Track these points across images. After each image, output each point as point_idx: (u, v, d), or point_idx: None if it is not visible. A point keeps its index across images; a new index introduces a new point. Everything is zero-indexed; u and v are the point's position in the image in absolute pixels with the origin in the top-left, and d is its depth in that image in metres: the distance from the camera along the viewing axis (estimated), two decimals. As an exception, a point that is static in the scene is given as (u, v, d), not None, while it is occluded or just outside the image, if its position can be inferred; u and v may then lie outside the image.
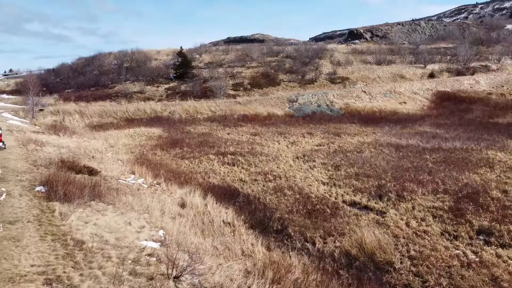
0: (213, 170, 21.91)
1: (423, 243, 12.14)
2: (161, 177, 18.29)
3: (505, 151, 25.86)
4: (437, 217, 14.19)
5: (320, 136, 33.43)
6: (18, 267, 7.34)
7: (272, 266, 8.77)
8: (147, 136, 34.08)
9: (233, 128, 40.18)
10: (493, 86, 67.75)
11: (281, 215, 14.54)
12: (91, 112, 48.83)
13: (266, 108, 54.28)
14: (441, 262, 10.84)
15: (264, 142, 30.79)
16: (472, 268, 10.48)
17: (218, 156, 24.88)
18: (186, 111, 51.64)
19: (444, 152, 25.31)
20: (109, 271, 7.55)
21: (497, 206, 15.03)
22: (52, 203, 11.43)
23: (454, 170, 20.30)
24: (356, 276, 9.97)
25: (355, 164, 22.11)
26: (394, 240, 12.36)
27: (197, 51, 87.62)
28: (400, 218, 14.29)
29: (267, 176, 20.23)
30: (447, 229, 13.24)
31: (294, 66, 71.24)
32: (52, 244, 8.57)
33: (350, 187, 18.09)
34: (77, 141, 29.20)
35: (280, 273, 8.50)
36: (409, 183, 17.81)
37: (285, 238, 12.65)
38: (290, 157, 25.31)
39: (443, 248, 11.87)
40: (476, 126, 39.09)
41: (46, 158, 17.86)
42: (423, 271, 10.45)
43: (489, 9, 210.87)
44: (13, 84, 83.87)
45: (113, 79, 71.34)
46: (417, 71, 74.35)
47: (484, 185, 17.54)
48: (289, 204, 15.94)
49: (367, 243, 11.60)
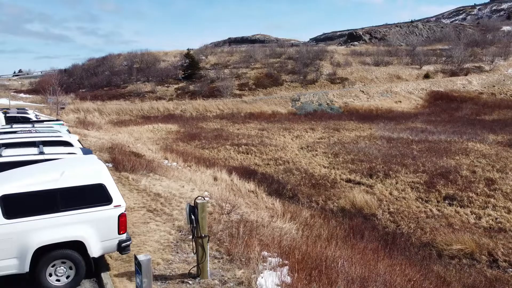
0: (231, 157, 25.83)
1: (400, 204, 16.00)
2: (191, 161, 22.18)
3: (483, 143, 29.74)
4: (414, 188, 18.04)
5: (321, 131, 37.29)
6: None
7: (289, 211, 12.60)
8: (166, 131, 37.97)
9: (241, 125, 43.98)
10: (485, 86, 71.52)
11: (291, 186, 18.42)
12: (109, 110, 52.70)
13: (271, 107, 58.20)
14: (412, 214, 14.69)
15: (271, 136, 34.66)
16: (435, 218, 14.32)
17: (233, 146, 28.81)
18: (196, 110, 55.54)
19: (429, 143, 29.20)
20: (184, 206, 11.46)
21: (463, 181, 18.92)
22: (123, 173, 15.31)
23: (435, 156, 24.19)
24: (348, 219, 13.82)
25: (351, 152, 26.00)
26: (378, 202, 16.23)
27: (203, 53, 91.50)
28: (385, 189, 18.15)
29: (277, 161, 24.18)
30: (421, 196, 17.10)
31: (296, 67, 75.10)
32: (140, 194, 12.47)
33: (347, 169, 21.99)
34: (107, 135, 33.08)
35: (295, 215, 12.31)
36: (395, 165, 21.71)
37: (296, 201, 16.51)
38: (296, 147, 29.21)
39: (415, 207, 15.73)
40: (463, 123, 42.98)
41: (97, 145, 21.75)
42: (397, 219, 14.30)
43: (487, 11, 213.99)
44: (28, 84, 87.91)
45: (125, 79, 75.27)
46: (413, 72, 78.25)
47: (457, 167, 21.42)
48: (297, 180, 19.84)
49: (357, 202, 15.45)
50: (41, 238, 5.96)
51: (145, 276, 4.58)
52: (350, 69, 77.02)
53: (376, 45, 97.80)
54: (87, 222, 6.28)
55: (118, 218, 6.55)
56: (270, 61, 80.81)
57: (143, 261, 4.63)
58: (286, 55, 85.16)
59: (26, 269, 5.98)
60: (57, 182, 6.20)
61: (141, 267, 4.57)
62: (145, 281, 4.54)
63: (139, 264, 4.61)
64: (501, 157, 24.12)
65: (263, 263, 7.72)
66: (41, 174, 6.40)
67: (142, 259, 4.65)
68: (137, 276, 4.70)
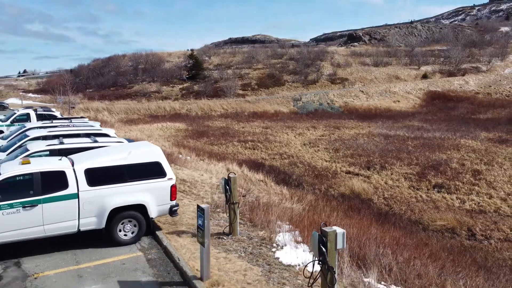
0: (239, 152, 27.78)
1: (394, 191, 17.95)
2: (203, 156, 24.13)
3: (475, 140, 31.65)
4: (407, 178, 19.98)
5: (322, 129, 39.25)
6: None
7: (296, 195, 14.53)
8: (174, 129, 39.92)
9: (246, 123, 45.93)
10: (481, 86, 73.40)
11: (296, 177, 20.36)
12: (117, 109, 54.65)
13: (273, 106, 60.20)
14: (404, 199, 16.62)
15: (275, 134, 36.62)
16: (424, 202, 16.26)
17: (240, 142, 30.76)
18: (201, 109, 57.52)
19: (424, 139, 31.13)
20: (207, 189, 13.42)
21: (452, 172, 20.86)
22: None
23: (428, 151, 26.12)
24: (347, 202, 15.76)
25: (351, 148, 27.94)
26: (374, 190, 18.17)
27: (206, 54, 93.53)
28: (381, 179, 20.09)
29: (283, 155, 26.14)
30: (413, 185, 19.04)
31: (297, 67, 77.09)
32: (167, 179, 14.42)
33: (346, 163, 23.94)
34: (120, 132, 35.02)
35: (301, 198, 14.25)
36: (391, 159, 23.65)
37: (301, 189, 18.44)
38: (299, 144, 31.15)
39: (407, 193, 17.68)
40: (458, 121, 44.93)
41: (118, 140, 23.69)
42: (391, 203, 16.24)
43: (486, 11, 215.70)
44: (35, 84, 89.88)
45: (130, 79, 77.27)
46: (412, 72, 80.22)
47: (447, 160, 23.35)
48: (302, 171, 21.78)
49: (355, 189, 17.39)
50: (115, 201, 7.89)
51: (206, 218, 6.50)
52: (350, 69, 79.00)
53: (375, 46, 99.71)
54: (148, 190, 8.22)
55: (170, 188, 8.51)
56: (272, 62, 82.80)
57: (205, 208, 6.56)
58: (287, 56, 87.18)
59: (103, 225, 7.91)
60: (126, 159, 8.15)
61: (203, 212, 6.49)
62: (206, 222, 6.47)
63: (202, 210, 6.53)
64: (490, 152, 26.03)
65: (279, 228, 9.70)
66: (113, 154, 8.35)
67: (204, 207, 6.58)
68: (199, 218, 6.61)
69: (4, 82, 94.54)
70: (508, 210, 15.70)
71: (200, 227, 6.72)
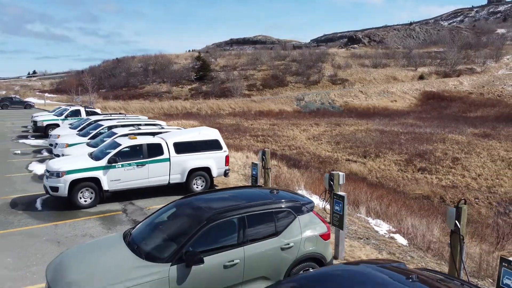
0: (252, 144, 31.77)
1: (385, 173, 21.95)
2: (223, 146, 28.12)
3: (461, 134, 35.64)
4: (397, 164, 23.99)
5: (324, 126, 43.24)
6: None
7: (305, 173, 18.53)
8: (190, 126, 43.92)
9: (253, 121, 49.89)
10: (475, 86, 77.29)
11: (304, 162, 24.36)
12: (133, 108, 58.63)
13: (278, 106, 64.27)
14: (392, 178, 20.61)
15: (282, 130, 40.63)
16: (408, 180, 20.24)
17: (252, 137, 34.77)
18: (210, 108, 61.56)
19: (415, 134, 35.11)
20: (239, 166, 17.45)
21: (435, 159, 24.86)
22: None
23: (417, 143, 30.12)
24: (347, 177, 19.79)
25: (350, 141, 31.94)
26: (368, 171, 22.18)
27: (212, 55, 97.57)
28: (375, 164, 24.10)
29: (291, 147, 30.18)
30: (401, 168, 23.04)
31: (299, 69, 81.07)
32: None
33: (346, 152, 27.97)
34: (143, 128, 39.14)
35: (310, 174, 18.26)
36: (384, 149, 27.65)
37: (309, 171, 22.46)
38: (304, 138, 35.16)
39: (396, 174, 21.67)
40: (449, 119, 48.92)
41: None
42: (382, 181, 20.21)
43: (484, 13, 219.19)
44: (48, 84, 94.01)
45: (141, 80, 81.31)
46: (409, 73, 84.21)
47: (433, 150, 27.36)
48: (308, 159, 25.80)
49: (353, 170, 21.38)
50: (192, 164, 11.88)
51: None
52: (350, 70, 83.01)
53: (374, 48, 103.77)
54: (211, 158, 12.23)
55: (225, 157, 12.53)
56: (275, 63, 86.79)
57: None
58: (290, 57, 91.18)
59: (184, 180, 11.91)
60: (197, 137, 12.19)
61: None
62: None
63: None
64: (471, 144, 30.00)
65: (297, 187, 13.72)
66: (189, 133, 12.39)
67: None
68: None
69: (18, 82, 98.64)
70: (476, 186, 19.67)
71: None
